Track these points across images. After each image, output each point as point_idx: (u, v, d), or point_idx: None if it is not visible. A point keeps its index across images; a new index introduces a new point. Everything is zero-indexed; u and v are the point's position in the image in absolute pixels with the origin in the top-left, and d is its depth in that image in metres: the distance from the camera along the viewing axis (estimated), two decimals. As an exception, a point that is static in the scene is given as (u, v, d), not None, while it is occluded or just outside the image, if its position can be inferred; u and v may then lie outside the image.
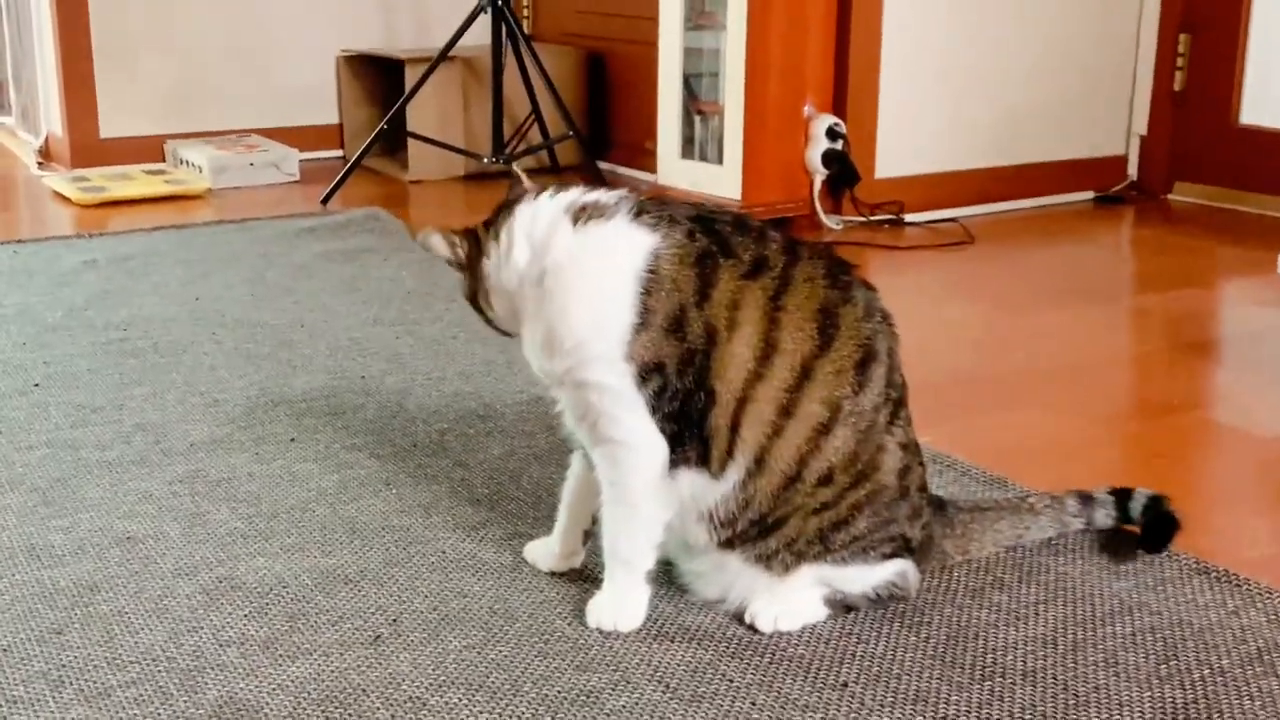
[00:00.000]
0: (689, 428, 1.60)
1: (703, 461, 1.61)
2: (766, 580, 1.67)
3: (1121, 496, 1.89)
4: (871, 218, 4.06)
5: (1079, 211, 4.34)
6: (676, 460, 1.61)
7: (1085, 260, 3.77)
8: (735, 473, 1.61)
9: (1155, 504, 1.88)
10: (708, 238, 1.60)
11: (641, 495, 1.63)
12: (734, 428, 1.59)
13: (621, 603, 1.69)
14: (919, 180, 4.15)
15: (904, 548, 1.68)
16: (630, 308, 1.57)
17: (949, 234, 3.95)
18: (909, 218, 4.08)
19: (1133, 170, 4.52)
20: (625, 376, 1.58)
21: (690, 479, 1.63)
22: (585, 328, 1.59)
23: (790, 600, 1.68)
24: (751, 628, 1.67)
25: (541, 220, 1.65)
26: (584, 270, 1.59)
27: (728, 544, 1.66)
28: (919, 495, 1.69)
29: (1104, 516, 1.89)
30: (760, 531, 1.64)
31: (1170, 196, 4.45)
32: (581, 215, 1.62)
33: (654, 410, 1.59)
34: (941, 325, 3.10)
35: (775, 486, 1.61)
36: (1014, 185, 4.31)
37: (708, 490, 1.63)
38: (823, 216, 4.01)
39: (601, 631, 1.67)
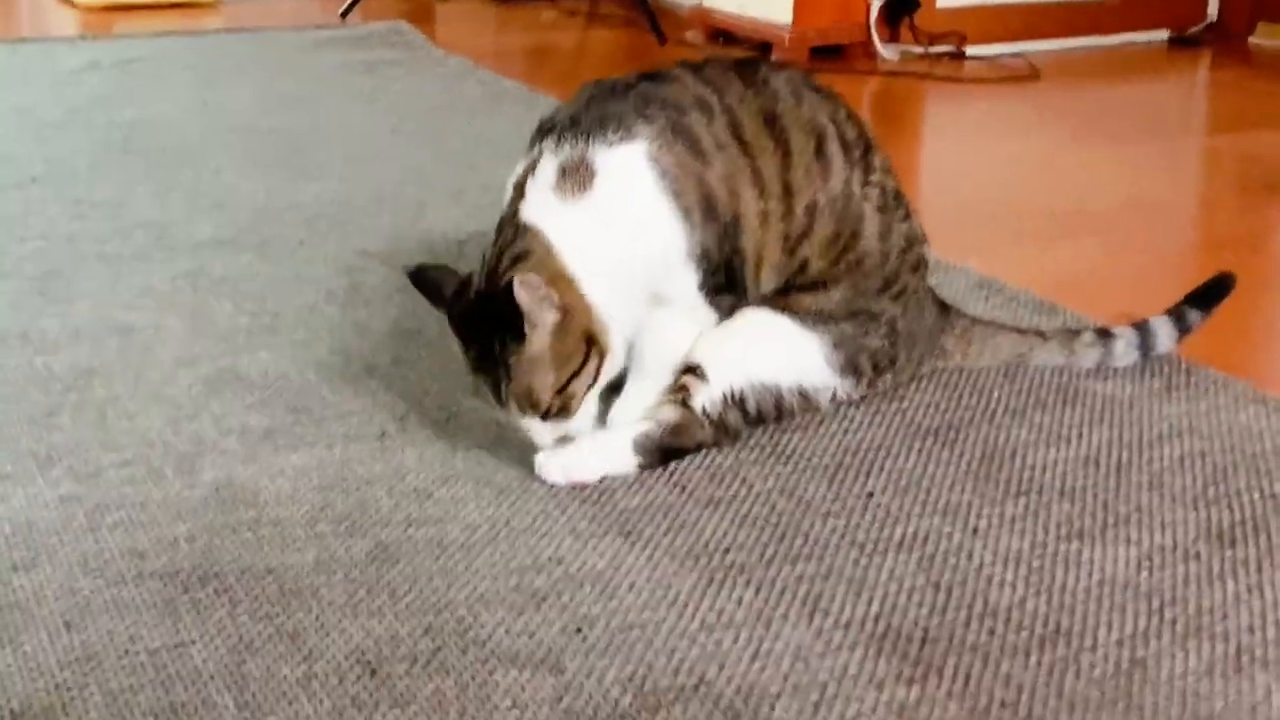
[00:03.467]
0: (731, 292, 1.67)
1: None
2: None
3: (1142, 327, 1.89)
4: (931, 49, 3.99)
5: (1152, 52, 4.25)
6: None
7: (1155, 100, 3.70)
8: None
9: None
10: (661, 110, 1.61)
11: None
12: (757, 280, 1.67)
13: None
14: (983, 10, 4.07)
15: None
16: (671, 215, 1.59)
17: (1012, 69, 3.89)
18: (970, 50, 4.01)
19: (1213, 10, 4.42)
20: (691, 271, 1.63)
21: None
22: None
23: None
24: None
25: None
26: (620, 225, 1.59)
27: None
28: (899, 258, 1.73)
29: (1124, 349, 1.87)
30: None
31: (1251, 40, 4.36)
32: (566, 186, 1.58)
33: (700, 287, 1.64)
34: (998, 158, 3.07)
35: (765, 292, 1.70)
36: (1084, 20, 4.22)
37: None
38: (879, 46, 3.95)
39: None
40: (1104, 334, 1.88)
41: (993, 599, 1.36)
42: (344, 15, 4.35)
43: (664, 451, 1.62)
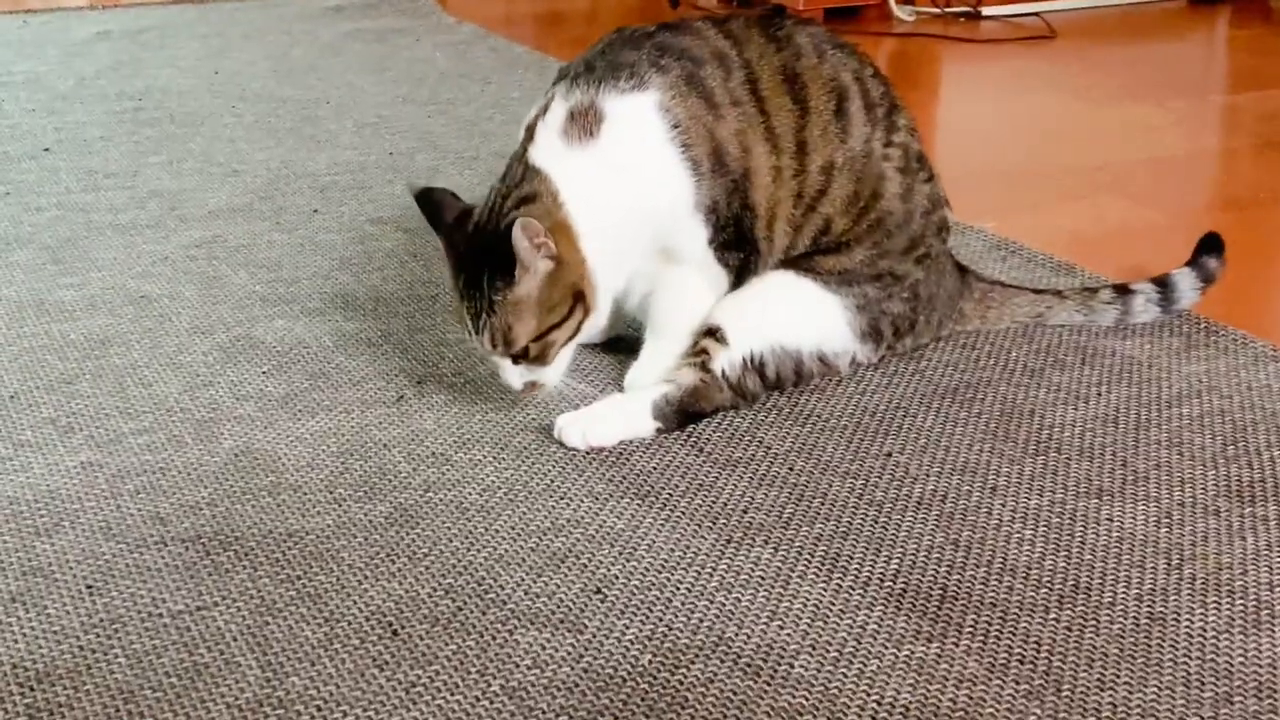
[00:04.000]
0: (739, 249, 1.68)
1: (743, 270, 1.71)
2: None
3: (1161, 281, 1.89)
4: (946, 9, 3.99)
5: (1172, 10, 4.24)
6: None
7: (1174, 58, 3.69)
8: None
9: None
10: (676, 61, 1.63)
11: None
12: (769, 237, 1.68)
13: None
14: (998, -30, 4.06)
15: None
16: (680, 166, 1.61)
17: (1029, 29, 3.88)
18: (987, 10, 4.00)
19: (1234, -32, 4.40)
20: (699, 225, 1.65)
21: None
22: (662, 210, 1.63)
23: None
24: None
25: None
26: (626, 172, 1.61)
27: None
28: (923, 220, 1.74)
29: (1143, 305, 1.88)
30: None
31: (1273, -3, 4.34)
32: (574, 131, 1.60)
33: (710, 242, 1.66)
34: (1013, 117, 3.07)
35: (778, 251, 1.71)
36: (1102, -21, 4.20)
37: None
38: (894, 7, 3.94)
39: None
40: (1122, 290, 1.89)
41: (1012, 556, 1.38)
42: (354, -18, 4.35)
43: (682, 415, 1.64)
